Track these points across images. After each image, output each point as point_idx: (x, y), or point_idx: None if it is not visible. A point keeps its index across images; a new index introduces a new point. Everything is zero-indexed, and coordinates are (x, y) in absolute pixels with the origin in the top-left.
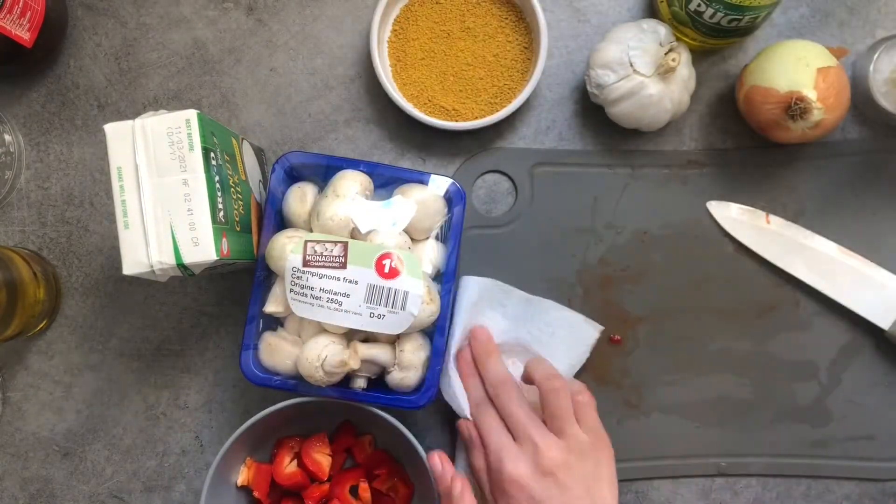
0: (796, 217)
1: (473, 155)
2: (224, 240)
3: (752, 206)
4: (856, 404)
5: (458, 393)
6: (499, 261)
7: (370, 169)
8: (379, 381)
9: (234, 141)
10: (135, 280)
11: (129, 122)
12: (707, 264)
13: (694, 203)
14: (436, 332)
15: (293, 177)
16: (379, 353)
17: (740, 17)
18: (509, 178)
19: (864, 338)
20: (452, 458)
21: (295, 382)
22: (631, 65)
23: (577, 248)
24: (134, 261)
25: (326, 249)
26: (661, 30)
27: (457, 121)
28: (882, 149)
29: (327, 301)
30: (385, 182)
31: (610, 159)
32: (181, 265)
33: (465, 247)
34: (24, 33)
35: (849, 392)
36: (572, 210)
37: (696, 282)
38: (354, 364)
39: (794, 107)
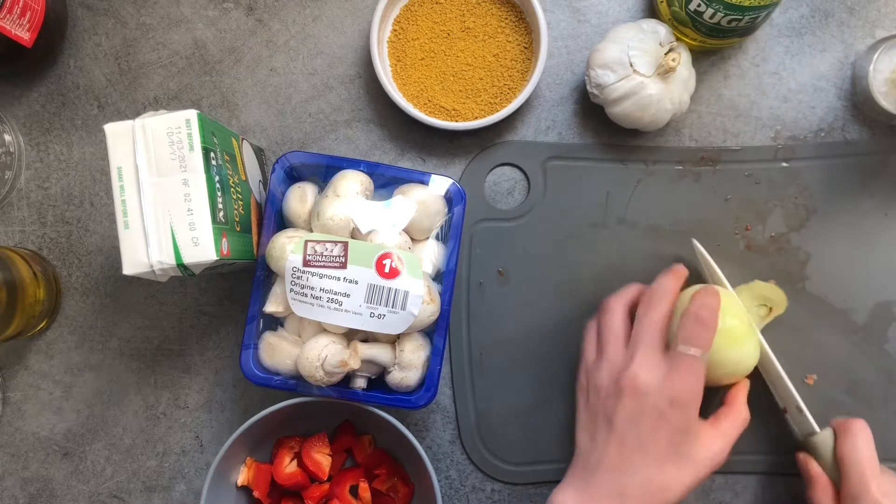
0: (808, 215)
1: (486, 147)
2: (224, 240)
3: (764, 203)
4: (859, 402)
5: None
6: (510, 253)
7: (370, 169)
8: (379, 381)
9: (234, 141)
10: (135, 280)
11: (129, 122)
12: (718, 261)
13: (707, 200)
14: (436, 332)
15: (293, 177)
16: (379, 353)
17: (740, 17)
18: (522, 171)
19: (867, 341)
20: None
21: (295, 382)
22: (631, 65)
23: (590, 242)
24: (134, 261)
25: (327, 249)
26: (661, 30)
27: (457, 121)
28: (884, 149)
29: (327, 301)
30: (385, 182)
31: (623, 154)
32: (181, 265)
33: (476, 239)
34: (24, 33)
35: (850, 391)
36: (585, 204)
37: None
38: (354, 364)
39: None
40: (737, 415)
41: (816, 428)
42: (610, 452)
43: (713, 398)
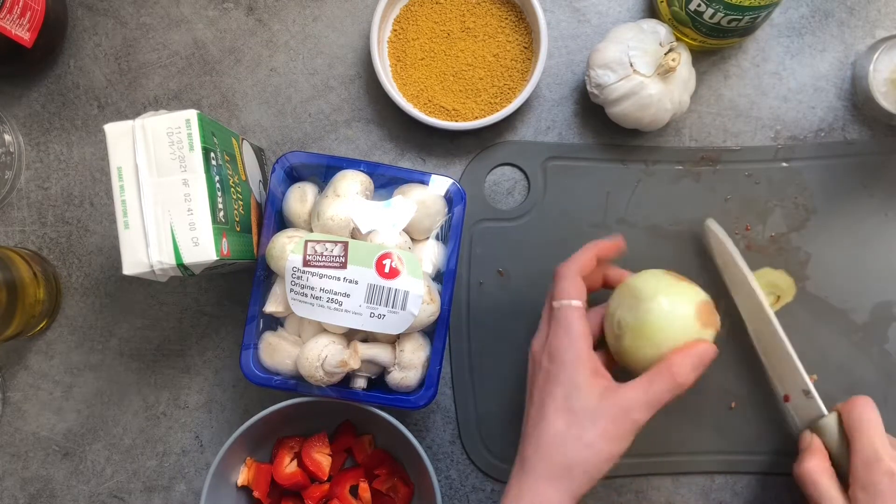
0: (808, 215)
1: (486, 147)
2: (224, 240)
3: (764, 203)
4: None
5: None
6: (510, 253)
7: (370, 169)
8: (379, 381)
9: (234, 141)
10: (135, 280)
11: (129, 122)
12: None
13: (706, 200)
14: (436, 332)
15: (293, 177)
16: (379, 353)
17: (740, 17)
18: (522, 171)
19: (867, 341)
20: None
21: (295, 382)
22: (631, 65)
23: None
24: (134, 261)
25: (327, 249)
26: (661, 30)
27: (457, 121)
28: (884, 149)
29: (327, 301)
30: (385, 182)
31: (623, 154)
32: (181, 265)
33: (476, 239)
34: (24, 33)
35: (850, 391)
36: (585, 204)
37: (708, 278)
38: (354, 364)
39: None
40: (659, 373)
41: (825, 410)
42: (529, 417)
43: None
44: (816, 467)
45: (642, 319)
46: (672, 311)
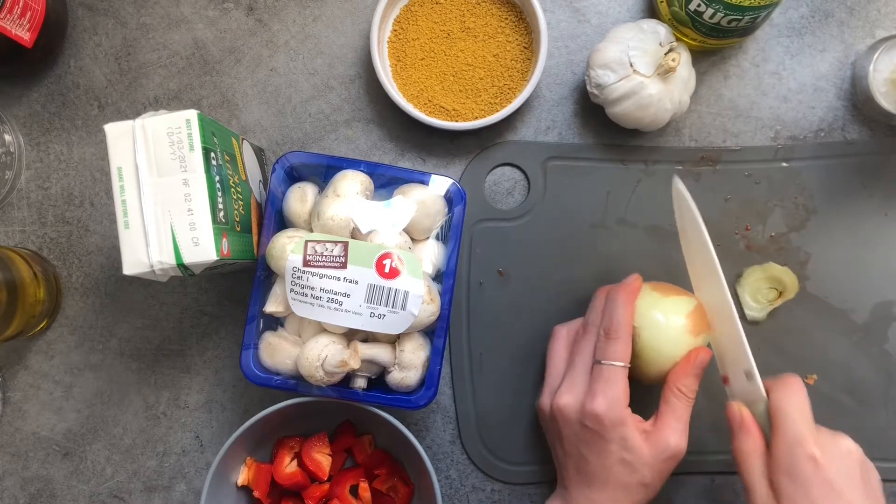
0: (808, 215)
1: (486, 147)
2: (224, 240)
3: (764, 203)
4: (859, 402)
5: None
6: (510, 253)
7: (370, 169)
8: (379, 381)
9: (234, 141)
10: (135, 280)
11: (129, 122)
12: (719, 260)
13: (706, 200)
14: (436, 332)
15: (293, 177)
16: (379, 352)
17: (740, 17)
18: (522, 171)
19: (867, 340)
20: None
21: (295, 382)
22: (631, 65)
23: (590, 242)
24: (134, 261)
25: (327, 249)
26: (661, 30)
27: (457, 121)
28: (884, 149)
29: (327, 301)
30: (385, 182)
31: (623, 154)
32: (181, 265)
33: (476, 239)
34: (24, 33)
35: (850, 391)
36: (585, 204)
37: None
38: (354, 364)
39: None
40: (671, 407)
41: (765, 395)
42: (571, 470)
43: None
44: (749, 448)
45: (639, 347)
46: (663, 334)
